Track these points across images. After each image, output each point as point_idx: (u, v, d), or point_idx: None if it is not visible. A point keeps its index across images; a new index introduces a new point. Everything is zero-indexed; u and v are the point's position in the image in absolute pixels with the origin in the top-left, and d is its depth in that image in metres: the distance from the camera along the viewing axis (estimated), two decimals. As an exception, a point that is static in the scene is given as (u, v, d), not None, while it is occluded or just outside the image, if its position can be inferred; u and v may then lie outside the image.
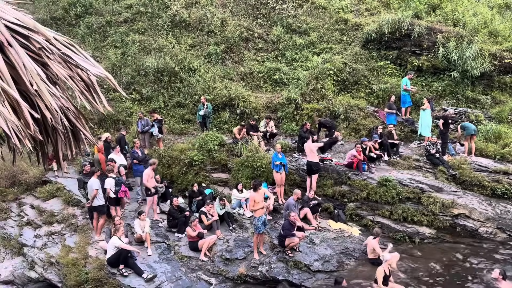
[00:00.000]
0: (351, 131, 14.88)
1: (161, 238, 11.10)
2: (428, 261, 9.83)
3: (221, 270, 9.84)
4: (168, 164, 13.59)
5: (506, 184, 11.40)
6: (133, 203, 12.82)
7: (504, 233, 10.61)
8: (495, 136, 13.17)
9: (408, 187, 11.55)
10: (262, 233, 9.97)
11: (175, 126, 15.76)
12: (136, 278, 9.61)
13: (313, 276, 9.51)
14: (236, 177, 12.89)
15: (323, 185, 12.24)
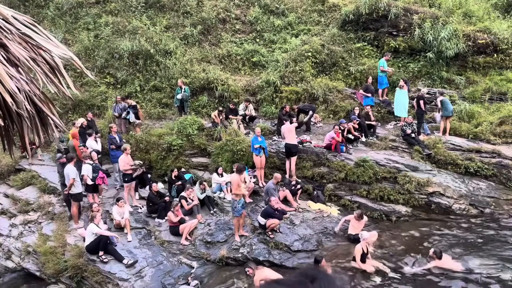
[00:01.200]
0: (329, 113, 14.99)
1: (141, 223, 11.02)
2: (404, 238, 10.12)
3: (202, 253, 9.89)
4: (146, 149, 13.40)
5: (478, 162, 11.77)
6: (111, 189, 12.65)
7: (476, 209, 11.00)
8: (468, 115, 13.50)
9: (384, 167, 11.78)
10: (241, 215, 10.02)
11: (152, 111, 15.49)
12: (116, 264, 9.56)
13: (293, 256, 9.67)
14: (216, 161, 12.83)
15: (303, 167, 12.34)
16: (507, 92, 14.17)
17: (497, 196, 11.28)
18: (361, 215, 10.00)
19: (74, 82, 15.85)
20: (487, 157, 11.95)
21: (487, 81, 14.79)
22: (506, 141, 12.45)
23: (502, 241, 9.36)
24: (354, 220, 10.04)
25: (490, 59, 15.35)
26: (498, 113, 13.34)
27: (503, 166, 11.70)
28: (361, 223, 9.98)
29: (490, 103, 14.14)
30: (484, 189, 11.44)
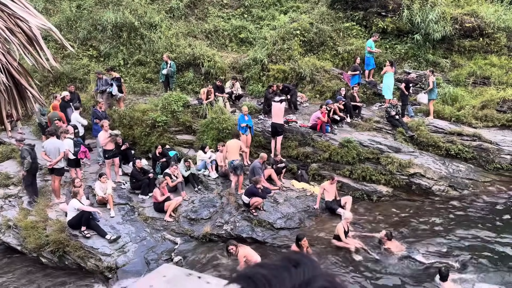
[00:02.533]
0: (316, 93, 14.96)
1: (124, 199, 10.97)
2: (384, 217, 10.39)
3: (186, 230, 9.95)
4: (129, 125, 13.19)
5: (459, 144, 12.02)
6: (93, 164, 12.49)
7: (455, 190, 11.31)
8: (452, 98, 13.68)
9: (368, 148, 11.93)
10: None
11: (136, 86, 15.18)
12: (99, 240, 9.54)
13: (276, 233, 9.83)
14: (201, 139, 12.76)
15: (288, 146, 12.40)
16: (491, 76, 14.37)
17: (475, 178, 11.60)
18: (332, 178, 10.52)
19: (55, 54, 15.33)
20: (468, 140, 12.22)
21: (472, 65, 14.94)
22: (487, 125, 12.72)
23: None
24: (328, 185, 10.43)
25: (476, 43, 15.46)
26: (481, 97, 13.56)
27: (483, 149, 11.99)
28: (333, 186, 10.49)
29: (474, 87, 14.34)
30: (464, 171, 11.75)
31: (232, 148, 10.76)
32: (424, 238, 9.15)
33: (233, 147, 10.78)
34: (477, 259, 8.16)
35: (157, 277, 1.61)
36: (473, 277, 7.54)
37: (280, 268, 0.77)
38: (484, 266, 7.94)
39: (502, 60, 14.98)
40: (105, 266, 9.11)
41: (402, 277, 7.83)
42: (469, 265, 7.98)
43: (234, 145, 10.78)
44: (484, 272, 7.71)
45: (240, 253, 7.87)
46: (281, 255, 0.84)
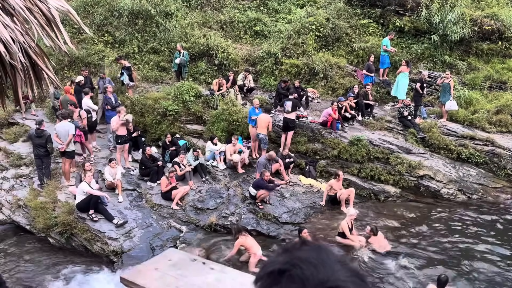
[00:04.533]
0: (328, 90, 14.85)
1: (133, 186, 11.10)
2: (390, 217, 10.32)
3: (192, 219, 10.04)
4: (141, 112, 13.28)
5: (471, 149, 11.85)
6: (104, 149, 12.64)
7: (464, 195, 11.18)
8: (466, 102, 13.47)
9: (378, 147, 11.84)
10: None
11: (150, 74, 15.24)
12: (106, 223, 9.69)
13: (280, 227, 9.86)
14: (211, 129, 12.79)
15: (297, 142, 12.36)
16: (508, 81, 14.10)
17: (485, 183, 11.45)
18: (338, 174, 10.65)
19: (71, 38, 15.45)
20: (480, 144, 12.03)
21: (489, 68, 14.66)
22: (500, 130, 12.51)
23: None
24: (335, 182, 10.57)
25: (494, 46, 15.15)
26: (496, 101, 13.32)
27: (495, 154, 11.81)
28: (339, 184, 10.64)
29: (490, 91, 14.09)
30: (474, 175, 11.60)
31: (261, 122, 11.38)
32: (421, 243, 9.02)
33: (262, 121, 11.37)
34: (466, 274, 7.89)
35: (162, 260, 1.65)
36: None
37: (313, 252, 0.83)
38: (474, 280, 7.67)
39: (520, 65, 14.68)
40: (111, 250, 9.26)
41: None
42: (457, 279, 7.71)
43: (264, 120, 11.38)
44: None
45: (238, 241, 7.97)
46: (297, 241, 0.88)
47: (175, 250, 1.60)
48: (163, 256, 1.58)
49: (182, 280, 1.53)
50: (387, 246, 8.74)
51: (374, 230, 8.90)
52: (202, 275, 1.49)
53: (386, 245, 8.75)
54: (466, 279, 7.57)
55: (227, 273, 1.56)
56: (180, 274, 1.52)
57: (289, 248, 0.85)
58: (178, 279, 1.54)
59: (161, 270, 1.52)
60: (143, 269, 1.65)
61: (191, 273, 1.51)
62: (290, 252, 0.83)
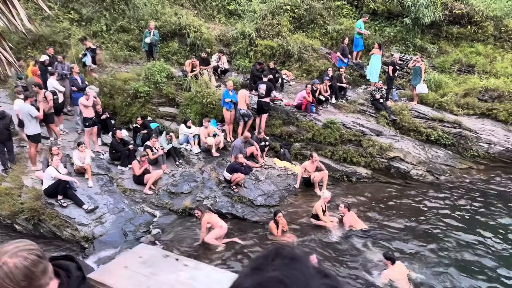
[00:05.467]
0: (303, 72, 14.81)
1: (103, 170, 10.79)
2: (362, 198, 10.56)
3: (165, 203, 9.90)
4: (110, 94, 12.83)
5: (440, 131, 12.21)
6: (72, 133, 12.18)
7: (432, 175, 11.56)
8: (436, 85, 13.78)
9: (351, 130, 11.99)
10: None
11: (119, 53, 14.67)
12: (76, 209, 9.40)
13: (255, 210, 9.89)
14: (184, 112, 12.54)
15: (272, 124, 12.33)
16: (475, 65, 14.49)
17: (453, 164, 11.87)
18: (312, 155, 10.72)
19: (34, 15, 14.60)
20: (449, 126, 12.41)
21: (458, 52, 15.01)
22: (468, 113, 12.91)
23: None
24: (309, 164, 10.61)
25: (463, 30, 15.49)
26: (464, 85, 13.70)
27: (462, 136, 12.22)
28: (314, 165, 10.67)
29: (458, 75, 14.46)
30: (442, 157, 11.99)
31: (239, 97, 11.58)
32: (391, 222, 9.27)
33: (241, 96, 11.59)
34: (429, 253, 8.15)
35: (132, 258, 1.57)
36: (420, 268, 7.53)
37: (283, 266, 0.75)
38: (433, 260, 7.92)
39: (487, 49, 15.11)
40: (82, 236, 9.02)
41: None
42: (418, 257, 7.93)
43: (241, 95, 11.61)
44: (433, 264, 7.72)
45: (204, 219, 8.00)
46: (271, 251, 0.79)
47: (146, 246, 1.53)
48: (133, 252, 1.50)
49: (154, 279, 1.46)
50: (362, 224, 8.93)
51: (348, 206, 9.13)
52: (174, 272, 1.42)
53: (360, 223, 8.94)
54: (433, 256, 7.87)
55: (202, 269, 1.50)
56: (151, 272, 1.44)
57: (259, 265, 0.76)
58: (149, 277, 1.47)
59: (131, 268, 1.44)
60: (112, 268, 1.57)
61: (163, 270, 1.43)
62: (260, 271, 0.74)
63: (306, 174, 10.73)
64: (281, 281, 0.70)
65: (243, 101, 11.64)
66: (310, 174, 10.68)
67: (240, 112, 11.73)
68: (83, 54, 12.99)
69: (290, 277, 0.71)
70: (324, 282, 0.73)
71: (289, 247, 0.83)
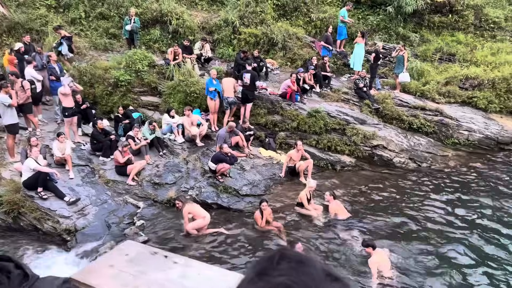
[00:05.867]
0: (287, 61, 14.74)
1: (84, 161, 10.55)
2: (346, 186, 10.66)
3: (149, 194, 9.77)
4: (90, 83, 12.48)
5: (422, 119, 12.39)
6: (51, 123, 11.84)
7: (414, 163, 11.74)
8: (418, 73, 13.93)
9: (335, 119, 12.04)
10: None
11: (98, 41, 14.25)
12: (57, 201, 9.18)
13: (241, 200, 9.87)
14: (167, 101, 12.33)
15: (257, 114, 12.27)
16: (456, 53, 14.70)
17: (434, 152, 12.08)
18: (296, 143, 10.73)
19: (8, 1, 14.01)
20: (430, 114, 12.60)
21: (439, 41, 15.20)
22: (449, 101, 13.13)
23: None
24: (294, 153, 10.60)
25: (445, 19, 15.67)
26: (445, 73, 13.90)
27: (443, 124, 12.43)
28: (299, 154, 10.67)
29: (440, 63, 14.66)
30: (424, 144, 12.18)
31: (227, 86, 11.49)
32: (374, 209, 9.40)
33: (227, 85, 11.51)
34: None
35: (118, 255, 1.50)
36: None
37: (291, 270, 0.70)
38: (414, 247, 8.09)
39: (468, 38, 15.33)
40: (63, 229, 8.83)
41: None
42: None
43: (229, 83, 11.55)
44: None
45: (185, 209, 7.96)
46: (276, 253, 0.74)
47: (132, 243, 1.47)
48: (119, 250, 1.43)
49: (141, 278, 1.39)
50: (346, 213, 9.02)
51: (333, 194, 9.19)
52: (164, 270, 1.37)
53: (344, 212, 9.03)
54: (415, 241, 8.04)
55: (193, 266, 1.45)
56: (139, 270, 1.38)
57: (263, 270, 0.70)
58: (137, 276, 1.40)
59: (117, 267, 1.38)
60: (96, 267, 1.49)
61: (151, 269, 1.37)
62: (265, 276, 0.69)
63: (291, 163, 10.74)
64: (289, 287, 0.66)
65: (231, 89, 11.55)
66: (295, 163, 10.69)
67: (228, 100, 11.59)
68: (58, 43, 12.56)
69: (298, 283, 0.66)
70: (334, 287, 0.68)
71: (293, 250, 0.78)
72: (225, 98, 11.64)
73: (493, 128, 12.60)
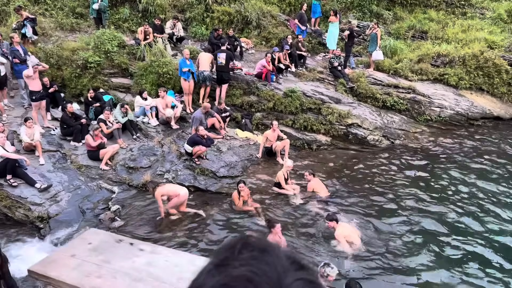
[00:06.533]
0: (262, 40, 14.54)
1: (55, 146, 10.21)
2: (323, 165, 10.79)
3: (124, 179, 9.58)
4: (58, 65, 11.96)
5: (395, 97, 12.57)
6: (18, 108, 11.35)
7: (388, 140, 11.97)
8: (392, 51, 14.05)
9: (310, 98, 12.05)
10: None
11: (65, 21, 13.62)
12: (28, 188, 8.90)
13: (218, 182, 9.83)
14: (139, 83, 11.99)
15: (232, 95, 12.12)
16: (428, 31, 14.87)
17: (407, 129, 12.34)
18: (272, 124, 10.70)
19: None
20: (403, 92, 12.80)
21: (412, 18, 15.32)
22: (421, 78, 13.35)
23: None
24: (271, 133, 10.56)
25: (417, -4, 15.76)
26: (418, 51, 14.08)
27: (416, 101, 12.67)
28: (275, 134, 10.65)
29: (412, 41, 14.81)
30: (397, 122, 12.41)
31: (203, 60, 11.28)
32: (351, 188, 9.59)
33: (204, 59, 11.29)
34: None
35: (81, 245, 1.42)
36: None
37: (252, 260, 0.65)
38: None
39: (439, 15, 15.51)
40: (36, 216, 8.59)
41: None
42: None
43: (205, 57, 11.33)
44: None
45: (157, 193, 7.88)
46: (237, 241, 0.69)
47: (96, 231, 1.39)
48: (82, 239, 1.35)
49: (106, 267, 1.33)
50: (325, 191, 9.13)
51: (312, 173, 9.25)
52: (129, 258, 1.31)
53: (324, 190, 9.13)
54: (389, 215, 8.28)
55: (160, 253, 1.39)
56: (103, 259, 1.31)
57: (224, 260, 0.65)
58: (101, 266, 1.34)
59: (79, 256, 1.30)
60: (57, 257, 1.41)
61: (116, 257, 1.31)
62: (225, 267, 0.64)
63: (268, 143, 10.73)
64: (250, 280, 0.60)
65: (207, 63, 11.28)
66: (272, 143, 10.69)
67: (204, 74, 11.31)
68: (20, 25, 11.88)
69: (259, 274, 0.62)
70: (299, 277, 0.64)
71: (257, 236, 0.73)
72: (200, 72, 11.31)
73: (463, 104, 12.95)
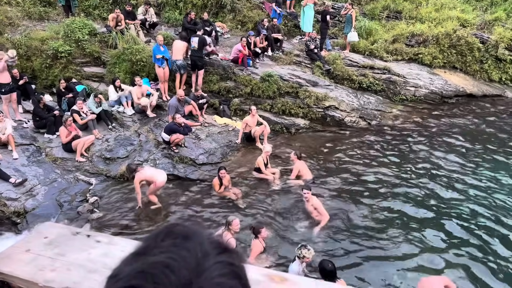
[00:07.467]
0: (237, 24, 14.37)
1: (28, 140, 9.96)
2: (301, 148, 10.87)
3: (101, 170, 9.45)
4: (27, 56, 11.57)
5: (371, 78, 12.69)
6: (-14, 102, 10.95)
7: (364, 121, 12.13)
8: (367, 32, 14.11)
9: (288, 82, 12.04)
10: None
11: (32, 10, 13.13)
12: (2, 184, 8.69)
13: (198, 169, 9.80)
14: (112, 71, 11.73)
15: (209, 81, 12.00)
16: (403, 10, 14.96)
17: (383, 109, 12.52)
18: (251, 109, 10.67)
19: None
20: (379, 73, 12.93)
21: (387, -2, 15.36)
22: (396, 59, 13.50)
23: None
24: (250, 118, 10.56)
25: (391, -25, 15.76)
26: (393, 31, 14.18)
27: (391, 82, 12.83)
28: (254, 119, 10.64)
29: (387, 21, 14.90)
30: (373, 103, 12.56)
31: (177, 48, 11.11)
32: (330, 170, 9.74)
33: (177, 47, 11.10)
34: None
35: (36, 239, 1.41)
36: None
37: (173, 247, 0.64)
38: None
39: (413, -6, 15.60)
40: (12, 211, 8.43)
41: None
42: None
43: (179, 46, 11.14)
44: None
45: (136, 179, 7.82)
46: (163, 229, 0.69)
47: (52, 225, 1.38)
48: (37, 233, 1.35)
49: (60, 260, 1.33)
50: (309, 174, 9.22)
51: (297, 154, 9.25)
52: (85, 250, 1.31)
53: (308, 173, 9.22)
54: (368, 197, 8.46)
55: (116, 244, 1.40)
56: (58, 253, 1.31)
57: (144, 248, 0.65)
58: (55, 259, 1.34)
59: (34, 251, 1.30)
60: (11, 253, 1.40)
61: (71, 250, 1.31)
62: (144, 255, 0.63)
63: (247, 129, 10.72)
64: (167, 266, 0.60)
65: (181, 51, 11.13)
66: (251, 129, 10.68)
67: (177, 63, 11.18)
68: None
69: (178, 260, 0.61)
70: (218, 260, 0.64)
71: (184, 224, 0.72)
72: (173, 62, 11.18)
73: (437, 83, 13.19)
